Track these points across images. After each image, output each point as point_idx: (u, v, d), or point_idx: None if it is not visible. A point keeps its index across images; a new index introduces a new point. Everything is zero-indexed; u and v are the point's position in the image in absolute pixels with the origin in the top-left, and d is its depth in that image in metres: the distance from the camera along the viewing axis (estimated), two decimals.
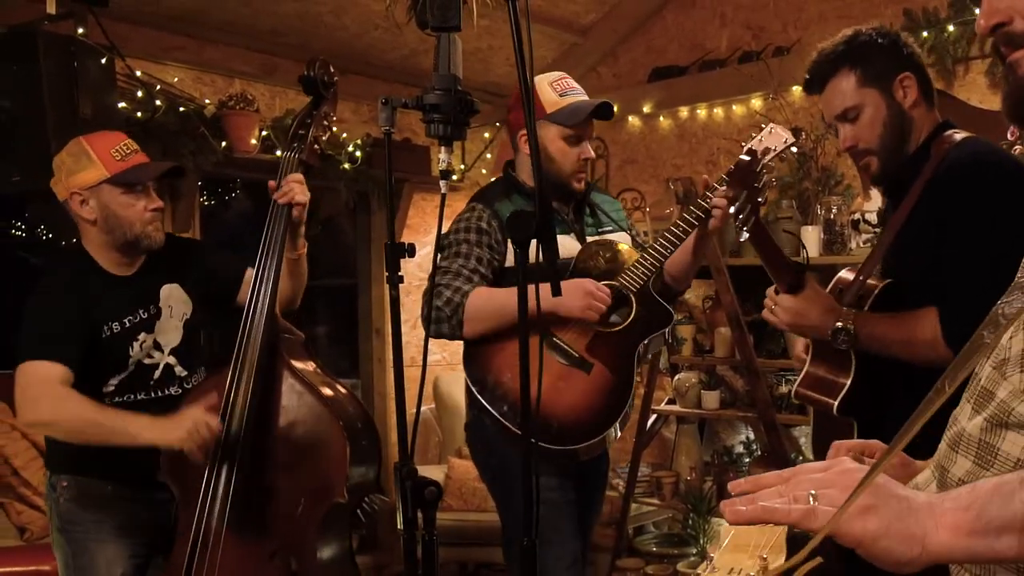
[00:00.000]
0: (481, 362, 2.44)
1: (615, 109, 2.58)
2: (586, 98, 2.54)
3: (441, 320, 2.37)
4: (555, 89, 2.50)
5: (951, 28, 3.71)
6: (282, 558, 2.20)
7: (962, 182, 1.84)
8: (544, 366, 2.35)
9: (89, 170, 2.26)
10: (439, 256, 2.39)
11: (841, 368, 1.98)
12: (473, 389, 2.42)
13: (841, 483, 0.89)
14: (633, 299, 2.46)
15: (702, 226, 2.39)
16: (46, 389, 2.14)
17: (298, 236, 2.38)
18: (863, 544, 0.86)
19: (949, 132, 1.96)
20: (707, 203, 2.35)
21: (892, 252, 1.99)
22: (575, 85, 2.56)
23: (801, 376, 2.11)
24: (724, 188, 2.33)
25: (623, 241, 2.60)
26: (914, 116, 1.96)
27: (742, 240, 2.06)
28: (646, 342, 2.49)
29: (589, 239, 2.57)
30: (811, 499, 0.87)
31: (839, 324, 1.90)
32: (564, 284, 2.33)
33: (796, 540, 0.88)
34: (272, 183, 2.34)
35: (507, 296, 2.32)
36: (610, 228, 2.64)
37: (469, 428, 2.61)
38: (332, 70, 2.39)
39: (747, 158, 2.08)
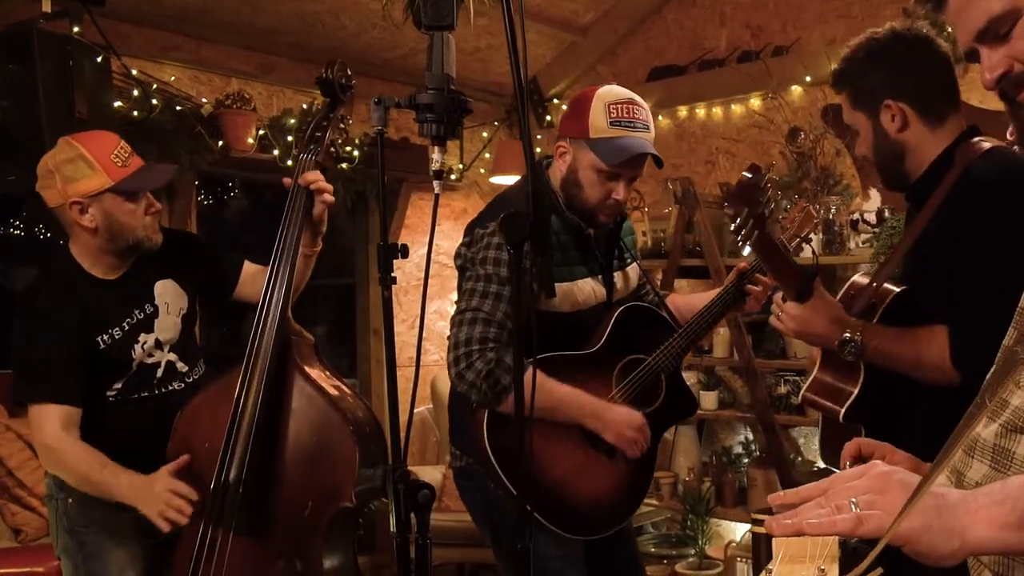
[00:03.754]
0: (508, 437, 2.19)
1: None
2: (643, 136, 2.24)
3: (477, 390, 2.15)
4: (609, 114, 2.21)
5: (951, 28, 3.70)
6: (288, 560, 2.18)
7: (984, 202, 1.75)
8: (568, 450, 2.25)
9: (90, 178, 2.17)
10: (468, 278, 2.24)
11: (850, 376, 1.93)
12: (493, 459, 2.18)
13: (877, 487, 0.93)
14: (663, 380, 2.36)
15: (736, 305, 2.40)
16: (52, 442, 2.19)
17: (319, 233, 2.37)
18: (910, 541, 0.90)
19: (976, 140, 1.87)
20: (743, 287, 2.36)
21: (911, 257, 1.92)
22: (638, 115, 2.24)
23: (809, 381, 2.06)
24: (765, 276, 2.31)
25: (634, 274, 2.52)
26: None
27: (744, 254, 2.01)
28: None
29: (616, 275, 2.45)
30: (852, 507, 0.91)
31: (847, 335, 1.84)
32: (617, 410, 2.25)
33: (849, 549, 0.91)
34: (287, 180, 2.32)
35: (563, 397, 2.20)
36: (629, 259, 2.54)
37: (464, 475, 2.38)
38: (349, 72, 2.34)
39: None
